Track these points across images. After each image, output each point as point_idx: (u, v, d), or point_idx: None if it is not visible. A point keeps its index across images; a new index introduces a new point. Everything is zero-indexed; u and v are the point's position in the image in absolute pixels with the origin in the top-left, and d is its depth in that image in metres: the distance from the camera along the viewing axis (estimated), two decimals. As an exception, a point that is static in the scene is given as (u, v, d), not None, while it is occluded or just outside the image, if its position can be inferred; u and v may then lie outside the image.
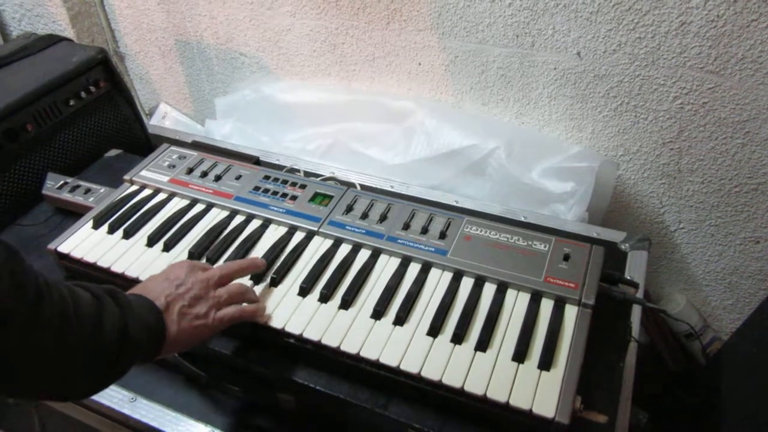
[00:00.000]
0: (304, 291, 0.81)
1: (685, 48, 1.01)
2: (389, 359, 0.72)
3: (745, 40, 0.96)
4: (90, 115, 1.18)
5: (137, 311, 0.64)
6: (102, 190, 1.04)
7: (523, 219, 1.08)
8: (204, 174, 1.01)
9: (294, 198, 0.95)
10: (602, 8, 1.03)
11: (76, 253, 0.88)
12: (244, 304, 0.77)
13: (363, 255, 0.87)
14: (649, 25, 1.01)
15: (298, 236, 0.90)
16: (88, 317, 0.58)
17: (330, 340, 0.74)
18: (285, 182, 0.99)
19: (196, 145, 1.18)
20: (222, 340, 0.81)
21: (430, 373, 0.70)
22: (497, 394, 0.68)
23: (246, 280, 0.83)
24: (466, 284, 0.82)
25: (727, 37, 0.97)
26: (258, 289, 0.82)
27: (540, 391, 0.68)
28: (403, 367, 0.71)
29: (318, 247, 0.88)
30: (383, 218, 0.91)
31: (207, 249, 0.88)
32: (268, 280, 0.82)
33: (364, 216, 0.91)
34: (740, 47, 0.97)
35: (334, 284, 0.81)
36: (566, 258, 0.83)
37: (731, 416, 1.11)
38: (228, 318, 0.72)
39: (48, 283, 0.56)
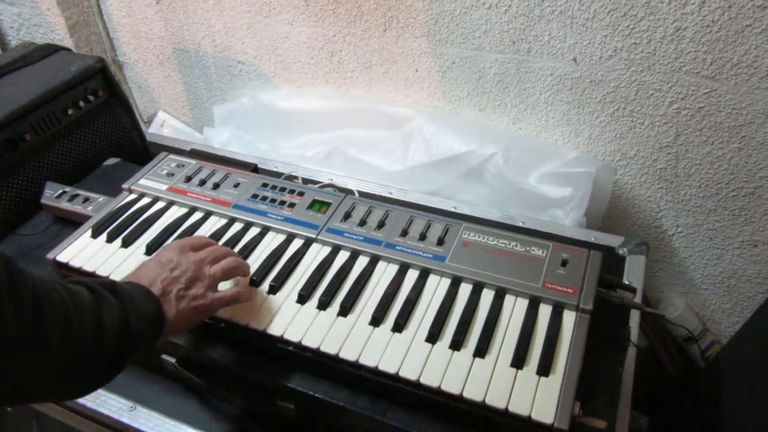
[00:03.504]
0: (303, 298, 0.81)
1: (680, 53, 1.02)
2: (388, 366, 0.72)
3: (740, 45, 0.97)
4: (88, 124, 1.18)
5: (137, 301, 0.63)
6: (101, 199, 1.04)
7: (521, 224, 1.08)
8: (202, 182, 1.01)
9: (292, 205, 0.96)
10: (598, 14, 1.03)
11: (75, 263, 0.88)
12: (240, 284, 0.79)
13: (361, 262, 0.87)
14: (645, 30, 1.02)
15: (297, 243, 0.90)
16: (89, 315, 0.57)
17: (329, 348, 0.74)
18: (283, 189, 0.99)
19: (195, 153, 1.18)
20: (221, 349, 0.81)
21: (429, 379, 0.70)
22: (496, 400, 0.68)
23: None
24: (465, 290, 0.82)
25: (722, 42, 0.98)
26: (256, 296, 0.82)
27: (539, 397, 0.68)
28: (402, 373, 0.71)
29: (316, 254, 0.88)
30: (381, 225, 0.91)
31: (206, 257, 0.88)
32: (267, 287, 0.83)
33: (363, 223, 0.91)
34: (735, 52, 0.98)
35: (333, 291, 0.81)
36: (564, 263, 0.83)
37: (731, 420, 1.10)
38: (226, 300, 0.74)
39: (45, 285, 0.54)
